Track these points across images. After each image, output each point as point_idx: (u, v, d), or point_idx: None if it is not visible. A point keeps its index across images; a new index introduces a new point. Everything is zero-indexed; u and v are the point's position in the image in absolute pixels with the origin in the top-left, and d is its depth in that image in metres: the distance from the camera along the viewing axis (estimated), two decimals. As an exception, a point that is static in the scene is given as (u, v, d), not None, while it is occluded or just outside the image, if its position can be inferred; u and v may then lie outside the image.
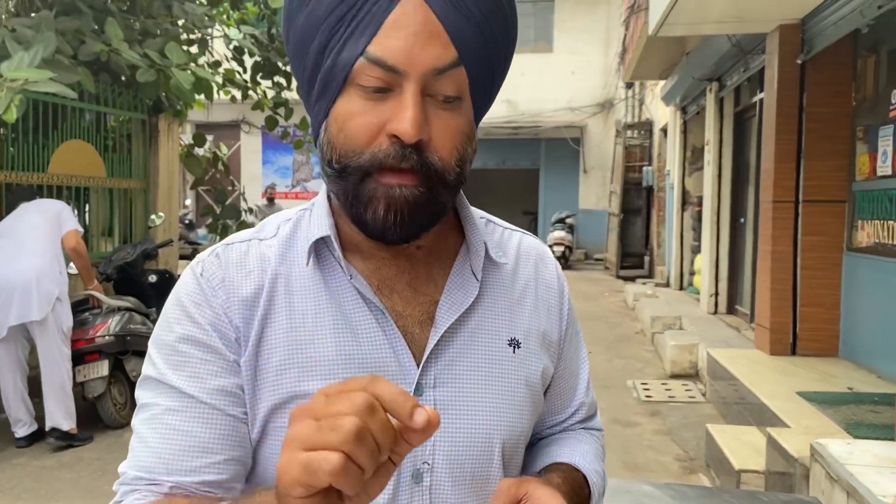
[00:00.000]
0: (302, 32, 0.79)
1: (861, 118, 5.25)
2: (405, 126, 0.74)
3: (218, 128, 18.03)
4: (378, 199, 0.77)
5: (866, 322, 5.10)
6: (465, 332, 0.87)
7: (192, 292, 0.84)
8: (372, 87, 0.75)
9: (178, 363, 0.81)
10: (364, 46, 0.74)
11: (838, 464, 3.00)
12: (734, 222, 8.23)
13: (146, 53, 5.81)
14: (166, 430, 0.79)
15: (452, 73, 0.76)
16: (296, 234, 0.88)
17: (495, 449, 0.86)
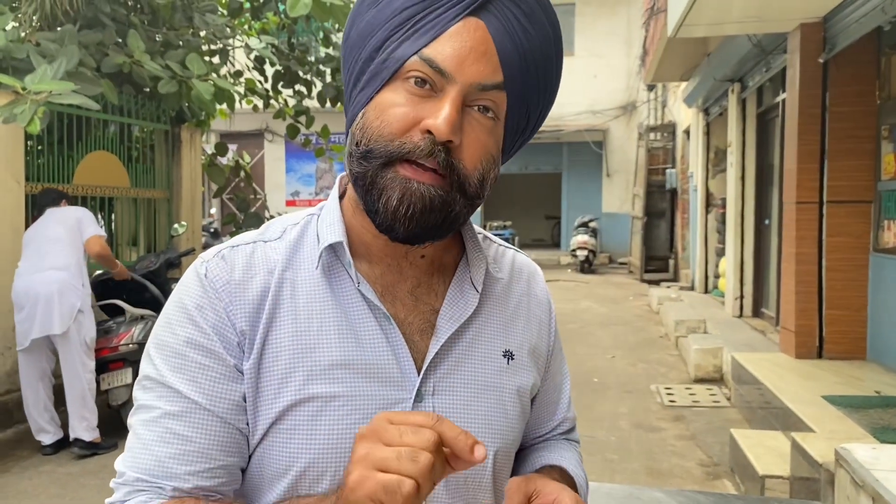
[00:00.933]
0: (365, 27, 0.82)
1: (886, 116, 5.16)
2: (441, 122, 0.76)
3: (241, 137, 18.21)
4: (394, 188, 0.79)
5: (894, 324, 5.01)
6: (463, 342, 0.90)
7: (195, 295, 0.84)
8: (418, 80, 0.79)
9: (180, 366, 0.81)
10: (421, 47, 0.78)
11: (864, 469, 2.94)
12: (759, 224, 8.13)
13: (167, 65, 5.89)
14: (166, 434, 0.80)
15: (493, 93, 0.80)
16: (303, 238, 0.89)
17: (488, 456, 0.88)
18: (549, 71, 0.85)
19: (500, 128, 0.84)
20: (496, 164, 0.84)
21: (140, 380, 0.84)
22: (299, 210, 0.95)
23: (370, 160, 0.80)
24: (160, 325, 0.85)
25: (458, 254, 0.95)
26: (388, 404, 0.83)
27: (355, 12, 0.85)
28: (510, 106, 0.82)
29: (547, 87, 0.86)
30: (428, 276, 0.90)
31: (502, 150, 0.87)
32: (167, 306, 0.86)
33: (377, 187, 0.80)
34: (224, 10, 7.35)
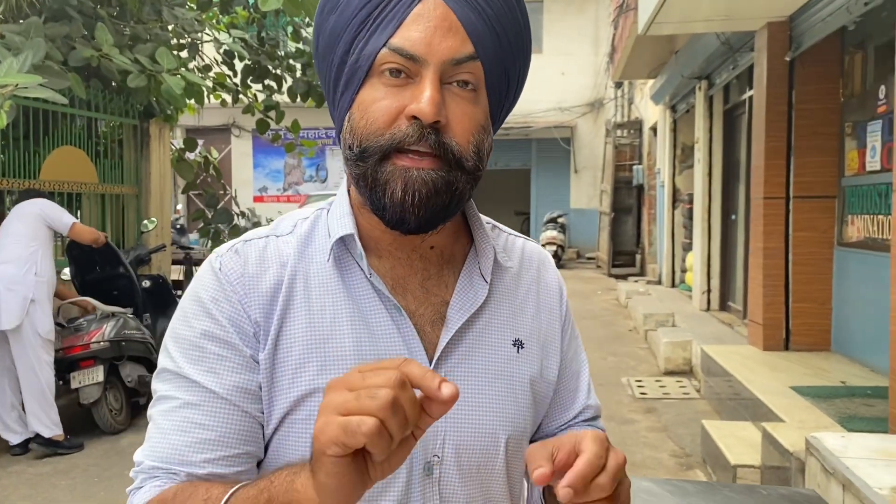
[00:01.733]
0: (330, 34, 0.84)
1: (849, 114, 5.29)
2: (423, 105, 0.78)
3: (208, 132, 17.99)
4: (395, 180, 0.80)
5: (857, 316, 5.14)
6: (473, 331, 0.91)
7: (210, 288, 0.86)
8: (392, 71, 0.80)
9: (197, 358, 0.83)
10: (387, 38, 0.79)
11: (834, 457, 3.03)
12: (725, 219, 8.28)
13: (137, 59, 5.80)
14: (184, 423, 0.82)
15: (468, 65, 0.81)
16: (314, 232, 0.91)
17: (500, 443, 0.90)
18: (519, 31, 0.86)
19: (483, 97, 0.84)
20: (488, 134, 0.86)
21: (158, 372, 0.86)
22: (314, 204, 0.97)
23: (366, 159, 0.82)
24: (177, 319, 0.87)
25: (467, 244, 0.96)
26: None
27: (318, 21, 0.87)
28: (488, 73, 0.83)
29: (520, 47, 0.87)
30: (438, 268, 0.92)
31: (491, 118, 0.88)
32: (183, 301, 0.87)
33: (379, 183, 0.81)
34: (193, 4, 7.25)
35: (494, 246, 0.94)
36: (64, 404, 4.78)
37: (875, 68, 4.97)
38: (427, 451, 0.86)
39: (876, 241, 4.84)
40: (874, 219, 4.85)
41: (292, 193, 20.32)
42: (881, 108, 4.70)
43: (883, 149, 4.66)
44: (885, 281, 4.44)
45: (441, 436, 0.86)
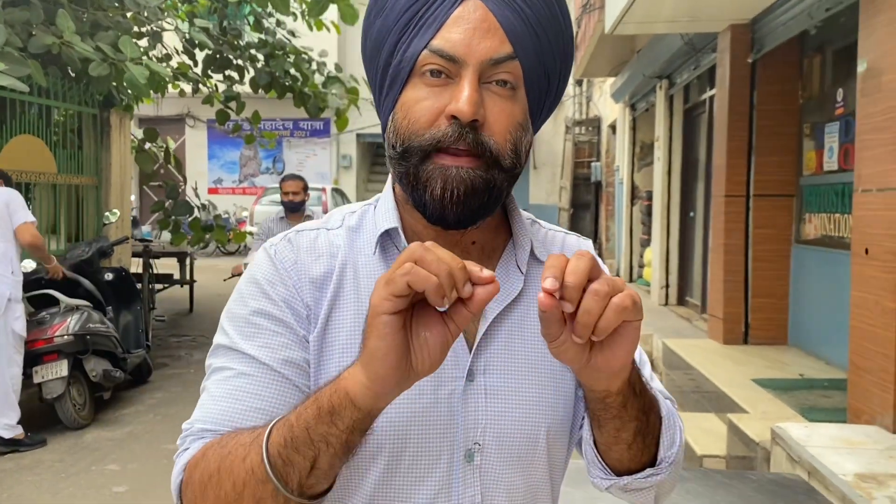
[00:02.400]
0: (376, 38, 0.87)
1: (808, 115, 5.47)
2: (462, 105, 0.80)
3: (161, 122, 17.62)
4: (435, 178, 0.83)
5: (813, 311, 5.33)
6: (510, 322, 0.92)
7: (266, 271, 0.90)
8: (433, 72, 0.83)
9: (251, 334, 0.87)
10: (428, 40, 0.82)
11: (799, 446, 3.15)
12: (684, 216, 8.46)
13: (99, 47, 5.67)
14: (236, 391, 0.84)
15: (507, 64, 0.83)
16: (362, 225, 0.95)
17: (541, 432, 0.91)
18: (559, 30, 0.88)
19: (522, 96, 0.86)
20: (527, 132, 0.88)
21: (213, 349, 0.90)
22: (365, 200, 1.00)
23: (408, 158, 0.85)
24: (233, 301, 0.91)
25: (507, 239, 0.98)
26: (441, 382, 0.87)
27: (365, 25, 0.90)
28: (527, 72, 0.85)
29: (561, 46, 0.89)
30: (478, 260, 0.90)
31: (531, 116, 0.90)
32: (240, 284, 0.92)
33: (420, 181, 0.84)
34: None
35: (532, 240, 0.96)
36: (25, 399, 4.67)
37: (833, 72, 5.14)
38: (468, 438, 0.87)
39: (832, 239, 5.02)
40: (831, 217, 5.03)
41: (248, 185, 20.07)
42: (839, 111, 4.87)
43: (840, 150, 4.83)
44: (840, 277, 4.62)
45: (482, 424, 0.88)
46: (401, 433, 0.85)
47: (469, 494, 0.87)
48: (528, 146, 0.90)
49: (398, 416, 0.85)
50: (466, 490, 0.87)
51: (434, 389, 0.87)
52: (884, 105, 3.38)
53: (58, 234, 6.60)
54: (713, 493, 1.50)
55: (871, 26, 3.52)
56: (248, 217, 15.56)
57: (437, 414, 0.86)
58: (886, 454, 3.07)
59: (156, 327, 7.30)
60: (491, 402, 0.88)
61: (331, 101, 8.73)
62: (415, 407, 0.86)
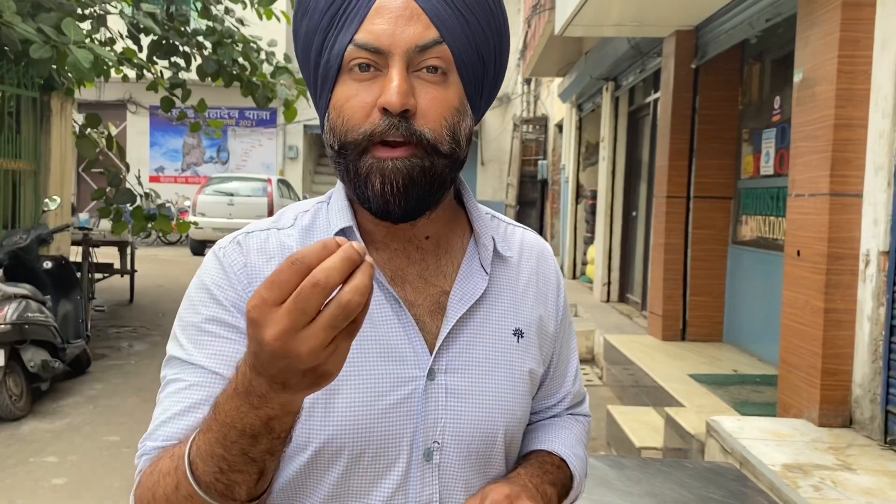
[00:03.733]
0: (304, 40, 0.88)
1: (747, 121, 5.67)
2: (390, 96, 0.80)
3: (103, 107, 17.14)
4: (374, 172, 0.83)
5: (747, 310, 5.54)
6: (474, 322, 0.92)
7: (215, 276, 0.88)
8: (361, 66, 0.82)
9: (204, 342, 0.85)
10: (352, 35, 0.82)
11: (732, 438, 3.30)
12: (627, 215, 8.66)
13: (41, 28, 5.52)
14: (188, 404, 0.82)
15: (435, 49, 0.82)
16: (315, 225, 0.93)
17: (499, 432, 0.92)
18: (487, 10, 0.87)
19: (456, 80, 0.85)
20: (464, 116, 0.87)
21: (167, 360, 0.87)
22: (322, 195, 0.99)
23: (345, 155, 0.84)
24: (183, 308, 0.89)
25: (466, 234, 0.97)
26: (401, 382, 0.86)
27: (294, 28, 0.89)
28: (458, 56, 0.84)
29: (492, 27, 0.88)
30: (436, 259, 0.93)
31: (472, 101, 0.88)
32: (189, 290, 0.89)
33: (360, 177, 0.84)
34: (100, -26, 6.93)
35: (494, 236, 0.96)
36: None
37: (772, 80, 5.35)
38: (428, 437, 0.87)
39: (766, 241, 5.23)
40: (766, 220, 5.24)
41: (191, 174, 19.69)
42: (775, 118, 5.07)
43: (776, 155, 5.03)
44: (773, 277, 4.83)
45: (441, 423, 0.88)
46: (362, 434, 0.85)
47: (427, 493, 0.88)
48: (469, 131, 0.89)
49: (360, 417, 0.85)
50: (424, 489, 0.88)
51: (394, 389, 0.86)
52: (817, 114, 3.55)
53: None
54: (652, 479, 1.59)
55: (807, 38, 3.69)
56: (190, 207, 15.29)
57: (398, 413, 0.86)
58: (812, 446, 3.24)
59: (95, 317, 7.15)
60: (451, 402, 0.89)
61: (279, 91, 8.65)
62: (376, 408, 0.85)
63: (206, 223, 13.32)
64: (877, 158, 3.29)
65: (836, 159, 3.41)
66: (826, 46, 3.48)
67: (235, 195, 14.27)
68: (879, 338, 3.28)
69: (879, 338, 3.28)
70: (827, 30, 3.48)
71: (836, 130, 3.41)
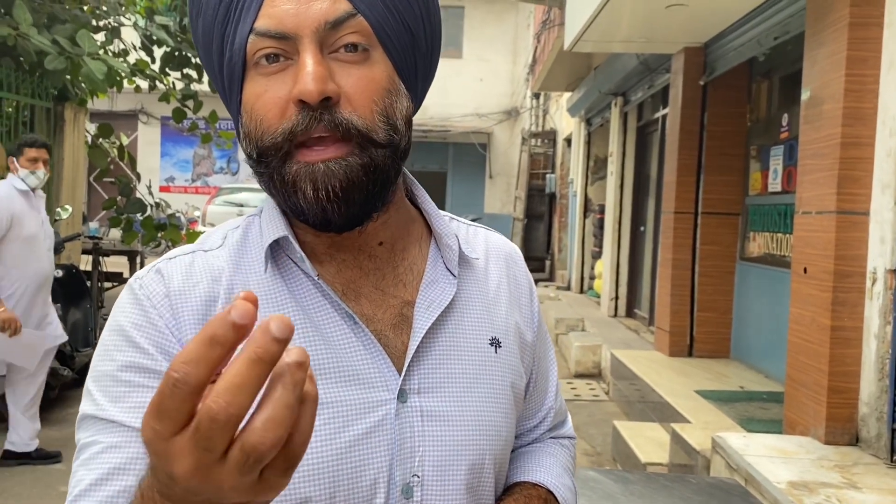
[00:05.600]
0: (203, 40, 0.76)
1: (755, 138, 5.69)
2: (305, 84, 0.68)
3: (115, 117, 17.29)
4: (302, 179, 0.71)
5: (754, 326, 5.53)
6: (444, 333, 0.82)
7: (131, 314, 0.74)
8: (268, 58, 0.71)
9: (121, 394, 0.71)
10: (252, 24, 0.71)
11: (737, 455, 3.30)
12: (634, 230, 8.67)
13: (56, 40, 5.60)
14: (108, 471, 0.69)
15: (349, 23, 0.71)
16: (246, 241, 0.81)
17: (486, 456, 0.81)
18: None
19: (382, 56, 0.74)
20: (398, 96, 0.75)
21: (79, 420, 0.73)
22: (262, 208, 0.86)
23: (266, 163, 0.73)
24: (97, 357, 0.75)
25: (425, 237, 0.87)
26: (368, 408, 0.75)
27: (193, 29, 0.78)
28: (379, 28, 0.72)
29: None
30: (392, 267, 0.83)
31: (405, 79, 0.77)
32: (103, 335, 0.76)
33: (287, 185, 0.73)
34: (115, -14, 7.03)
35: (458, 235, 0.86)
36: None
37: (779, 97, 5.37)
38: (405, 470, 0.76)
39: (774, 257, 5.23)
40: (773, 236, 5.24)
41: (201, 185, 19.81)
42: (783, 135, 5.08)
43: (784, 172, 5.04)
44: (780, 294, 4.82)
45: (419, 452, 0.77)
46: (329, 477, 0.72)
47: None
48: (407, 113, 0.77)
49: (324, 456, 0.73)
50: None
51: (361, 417, 0.75)
52: (824, 132, 3.56)
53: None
54: (656, 495, 1.60)
55: (814, 57, 3.71)
56: (200, 217, 15.37)
57: (368, 445, 0.74)
58: (818, 463, 3.23)
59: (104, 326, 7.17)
60: (428, 426, 0.77)
61: (290, 103, 8.71)
62: (341, 441, 0.73)
63: (216, 233, 13.37)
64: (884, 177, 3.30)
65: (844, 177, 3.42)
66: (833, 65, 3.50)
67: (245, 206, 14.34)
68: (886, 356, 3.28)
69: (886, 356, 3.28)
70: (834, 49, 3.51)
71: (844, 148, 3.42)
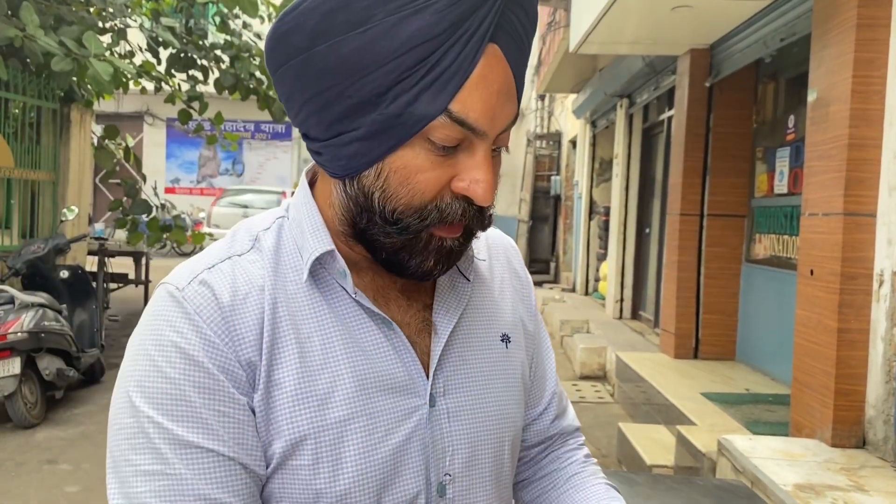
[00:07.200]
0: (353, 58, 0.67)
1: (761, 140, 5.67)
2: (481, 192, 0.71)
3: (120, 119, 17.36)
4: (430, 251, 0.74)
5: (760, 328, 5.52)
6: (460, 334, 0.85)
7: (182, 330, 0.71)
8: (446, 149, 0.70)
9: (186, 415, 0.69)
10: (446, 103, 0.67)
11: (743, 457, 3.28)
12: (640, 232, 8.65)
13: (62, 41, 5.62)
14: (187, 500, 0.68)
15: (510, 126, 0.73)
16: (280, 247, 0.79)
17: (505, 446, 0.87)
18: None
19: None
20: None
21: (131, 443, 0.69)
22: (272, 209, 0.86)
23: (401, 232, 0.72)
24: (146, 372, 0.70)
25: None
26: (406, 414, 0.77)
27: (324, 26, 0.67)
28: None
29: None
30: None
31: None
32: (148, 348, 0.71)
33: (409, 251, 0.74)
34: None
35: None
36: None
37: (786, 99, 5.35)
38: (439, 470, 0.79)
39: (780, 259, 5.21)
40: (779, 238, 5.23)
41: (206, 186, 19.86)
42: (790, 137, 5.07)
43: (790, 174, 5.03)
44: (786, 296, 4.81)
45: (450, 451, 0.80)
46: (376, 487, 0.75)
47: None
48: None
49: (370, 467, 0.75)
50: None
51: (400, 424, 0.77)
52: (831, 134, 3.55)
53: (11, 229, 6.49)
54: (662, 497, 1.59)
55: (821, 58, 3.70)
56: (205, 218, 15.40)
57: (407, 452, 0.77)
58: (825, 466, 3.22)
59: (109, 327, 7.20)
60: (454, 426, 0.81)
61: (296, 105, 8.73)
62: (384, 450, 0.75)
63: (221, 235, 13.44)
64: (891, 178, 3.29)
65: (850, 179, 3.41)
66: (840, 66, 3.49)
67: (250, 207, 14.39)
68: (893, 358, 3.26)
69: (893, 358, 3.26)
70: (841, 50, 3.50)
71: (850, 150, 3.41)
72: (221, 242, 0.80)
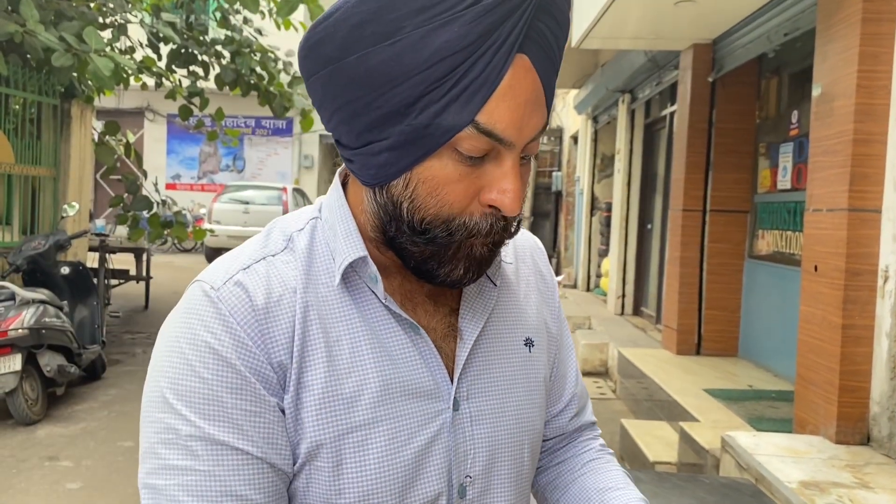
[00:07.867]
0: (382, 69, 0.68)
1: (764, 135, 5.65)
2: (509, 202, 0.71)
3: (121, 115, 17.35)
4: (459, 259, 0.75)
5: (764, 324, 5.50)
6: (485, 339, 0.86)
7: (216, 330, 0.72)
8: (473, 159, 0.71)
9: (217, 415, 0.70)
10: (474, 114, 0.68)
11: (747, 454, 3.27)
12: (642, 228, 8.63)
13: (63, 37, 5.60)
14: (219, 495, 0.70)
15: (539, 135, 0.73)
16: (313, 249, 0.80)
17: (525, 449, 0.88)
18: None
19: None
20: None
21: (161, 439, 0.71)
22: (301, 209, 0.87)
23: (429, 242, 0.74)
24: (176, 368, 0.72)
25: None
26: (429, 418, 0.79)
27: (353, 38, 0.68)
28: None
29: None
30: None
31: None
32: (183, 347, 0.72)
33: (438, 259, 0.75)
34: (122, -17, 7.03)
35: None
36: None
37: (789, 94, 5.33)
38: (460, 473, 0.81)
39: (783, 255, 5.19)
40: (783, 234, 5.21)
41: (207, 182, 19.83)
42: (793, 132, 5.05)
43: (794, 169, 5.01)
44: (789, 292, 4.79)
45: (471, 454, 0.82)
46: (399, 489, 0.77)
47: None
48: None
49: (394, 470, 0.76)
50: None
51: (423, 428, 0.78)
52: (836, 129, 3.53)
53: (11, 225, 6.48)
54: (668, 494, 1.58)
55: (825, 53, 3.67)
56: (206, 214, 15.39)
57: (431, 454, 0.78)
58: (829, 463, 3.20)
59: (110, 323, 7.20)
60: (477, 429, 0.82)
61: (296, 101, 8.72)
62: (408, 454, 0.77)
63: (222, 231, 13.47)
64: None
65: (855, 174, 3.39)
66: (845, 61, 3.47)
67: (251, 203, 14.35)
68: (898, 355, 3.25)
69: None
70: (846, 45, 3.47)
71: (855, 145, 3.39)
72: (256, 241, 0.81)
